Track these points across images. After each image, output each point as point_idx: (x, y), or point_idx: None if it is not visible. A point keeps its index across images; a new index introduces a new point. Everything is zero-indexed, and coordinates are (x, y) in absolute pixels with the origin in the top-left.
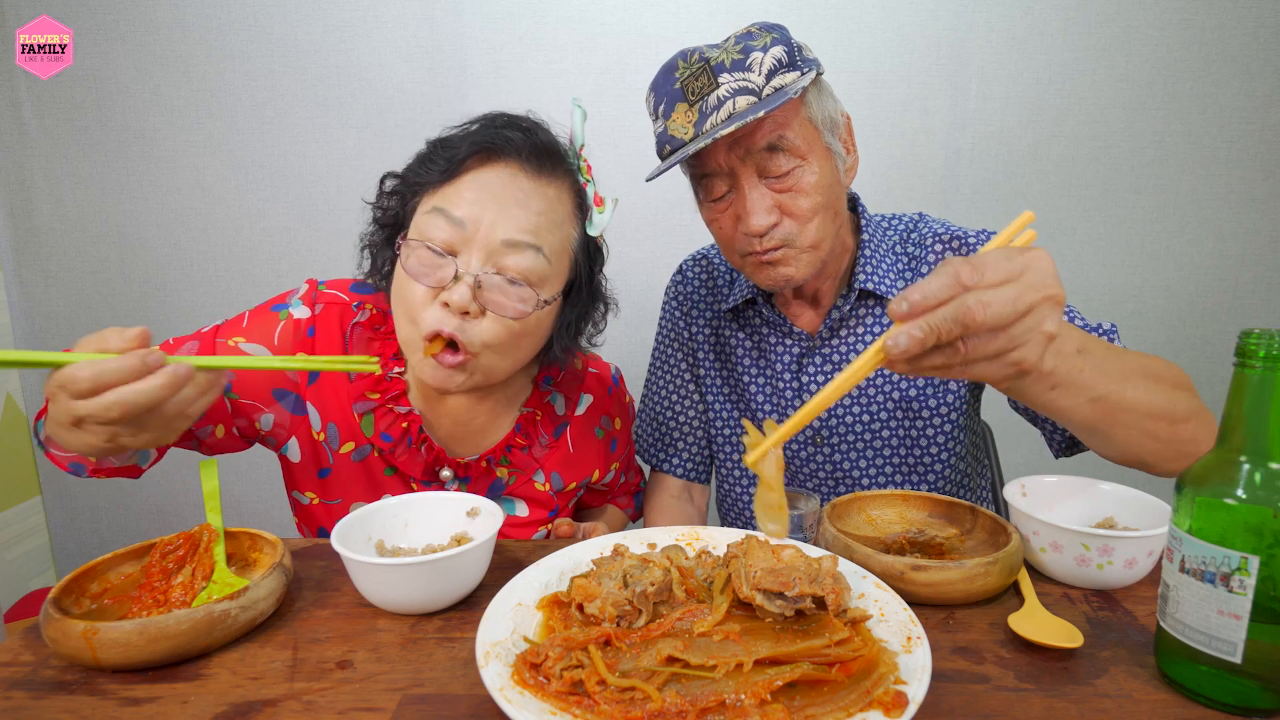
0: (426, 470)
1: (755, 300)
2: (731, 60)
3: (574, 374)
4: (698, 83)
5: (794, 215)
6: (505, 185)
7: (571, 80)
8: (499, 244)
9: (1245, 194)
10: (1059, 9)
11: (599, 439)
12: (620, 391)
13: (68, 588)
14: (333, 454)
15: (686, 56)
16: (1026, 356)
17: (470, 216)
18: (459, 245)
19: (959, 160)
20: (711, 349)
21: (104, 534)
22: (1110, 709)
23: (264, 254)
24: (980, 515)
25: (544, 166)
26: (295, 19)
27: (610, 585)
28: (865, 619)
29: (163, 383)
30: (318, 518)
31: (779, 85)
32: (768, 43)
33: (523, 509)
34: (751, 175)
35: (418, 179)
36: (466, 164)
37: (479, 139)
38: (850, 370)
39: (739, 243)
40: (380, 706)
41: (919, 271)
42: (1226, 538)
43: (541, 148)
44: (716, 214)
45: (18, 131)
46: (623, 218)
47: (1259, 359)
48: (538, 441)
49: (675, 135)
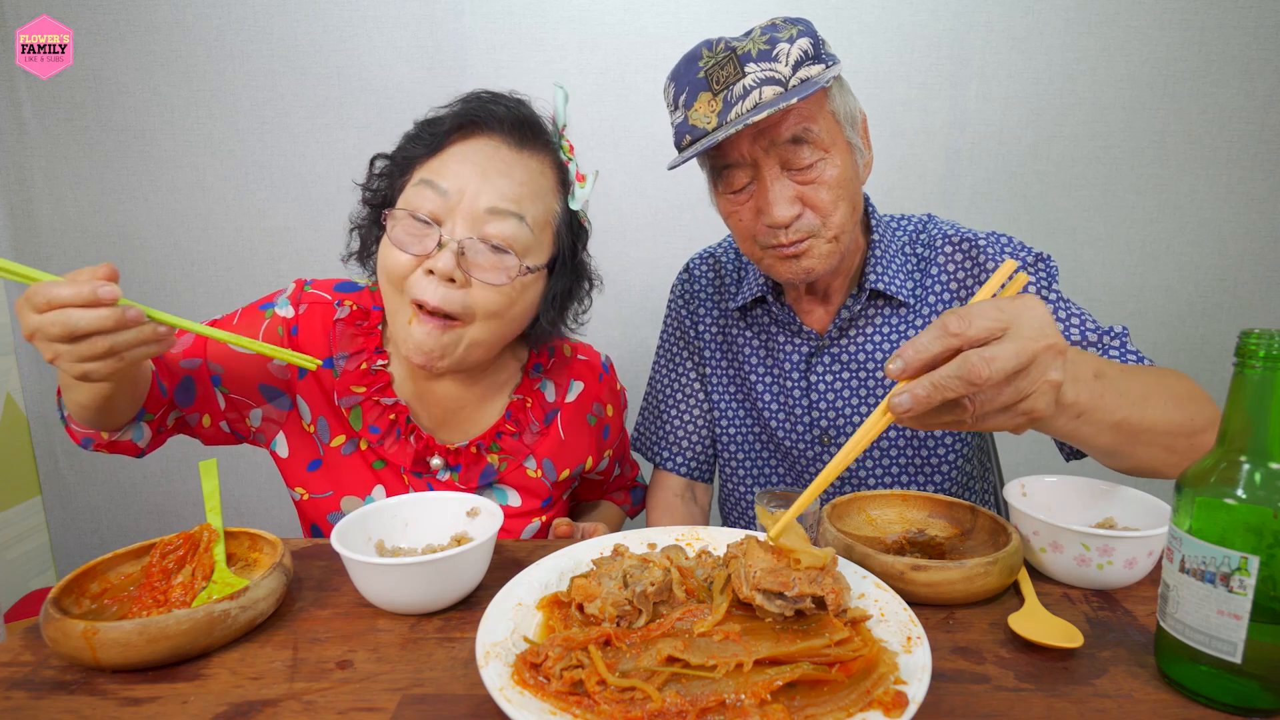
0: (416, 460)
1: (765, 298)
2: (758, 50)
3: (563, 361)
4: (723, 72)
5: (816, 207)
6: (489, 156)
7: (571, 80)
8: (482, 211)
9: (1245, 194)
10: (1059, 9)
11: (591, 426)
12: (611, 379)
13: (68, 588)
14: (323, 446)
15: (712, 46)
16: (1035, 406)
17: (454, 186)
18: (444, 214)
19: (959, 160)
20: (718, 348)
21: (104, 534)
22: (1110, 709)
23: (264, 254)
24: (980, 515)
25: (526, 139)
26: (295, 19)
27: (610, 585)
28: (865, 619)
29: (105, 314)
30: (308, 513)
31: (805, 76)
32: (794, 34)
33: (515, 498)
34: (774, 166)
35: (405, 155)
36: (451, 137)
37: (463, 113)
38: (860, 433)
39: (760, 235)
40: (380, 706)
41: (928, 273)
42: (1226, 538)
43: (524, 121)
44: (736, 205)
45: (18, 131)
46: (623, 217)
47: (1259, 359)
48: (528, 428)
49: (697, 125)
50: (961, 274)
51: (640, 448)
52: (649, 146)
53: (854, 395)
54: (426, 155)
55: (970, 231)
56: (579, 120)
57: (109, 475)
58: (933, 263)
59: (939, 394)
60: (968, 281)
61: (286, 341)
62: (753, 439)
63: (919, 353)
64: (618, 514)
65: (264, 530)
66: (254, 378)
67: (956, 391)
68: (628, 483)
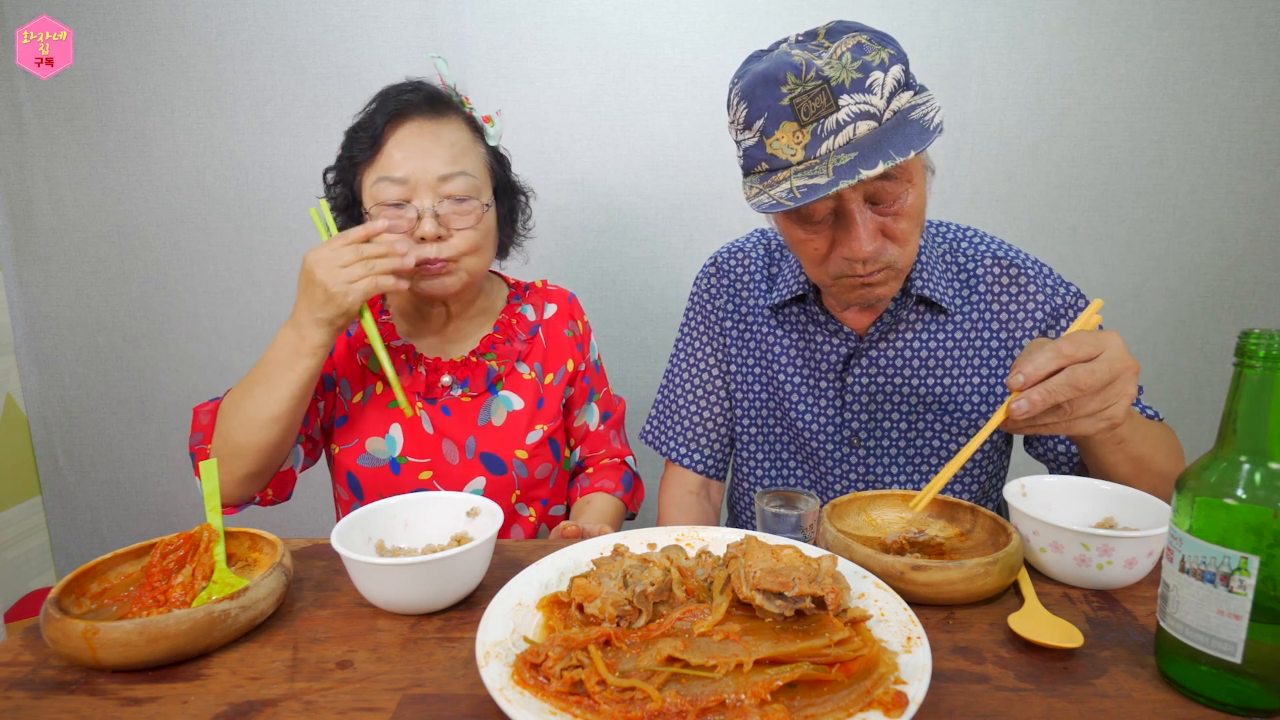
0: (429, 388)
1: (805, 297)
2: (851, 80)
3: (537, 291)
4: (814, 103)
5: (895, 238)
6: (420, 137)
7: (571, 80)
8: (436, 180)
9: (1245, 194)
10: (1059, 9)
11: (568, 338)
12: (579, 307)
13: (68, 588)
14: (347, 404)
15: (800, 71)
16: (1116, 414)
17: (407, 172)
18: (409, 194)
19: (959, 160)
20: (744, 345)
21: (104, 534)
22: (1110, 709)
23: (264, 254)
24: (980, 515)
25: (440, 111)
26: (295, 19)
27: (610, 585)
28: (865, 619)
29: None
30: (342, 464)
31: (898, 108)
32: (885, 60)
33: (517, 402)
34: (860, 201)
35: (350, 159)
36: (384, 133)
37: (388, 110)
38: (982, 433)
39: (834, 265)
40: (380, 706)
41: (974, 288)
42: (1226, 538)
43: (433, 97)
44: (810, 235)
45: (18, 131)
46: (623, 217)
47: (1259, 359)
48: (516, 338)
49: (777, 155)
50: (1005, 297)
51: (655, 442)
52: (649, 146)
53: (887, 400)
54: (370, 155)
55: (1019, 254)
56: (579, 120)
57: (109, 475)
58: (979, 279)
59: (1052, 399)
60: (1010, 304)
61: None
62: (774, 439)
63: (1038, 369)
64: (617, 509)
65: (264, 530)
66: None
67: (1065, 396)
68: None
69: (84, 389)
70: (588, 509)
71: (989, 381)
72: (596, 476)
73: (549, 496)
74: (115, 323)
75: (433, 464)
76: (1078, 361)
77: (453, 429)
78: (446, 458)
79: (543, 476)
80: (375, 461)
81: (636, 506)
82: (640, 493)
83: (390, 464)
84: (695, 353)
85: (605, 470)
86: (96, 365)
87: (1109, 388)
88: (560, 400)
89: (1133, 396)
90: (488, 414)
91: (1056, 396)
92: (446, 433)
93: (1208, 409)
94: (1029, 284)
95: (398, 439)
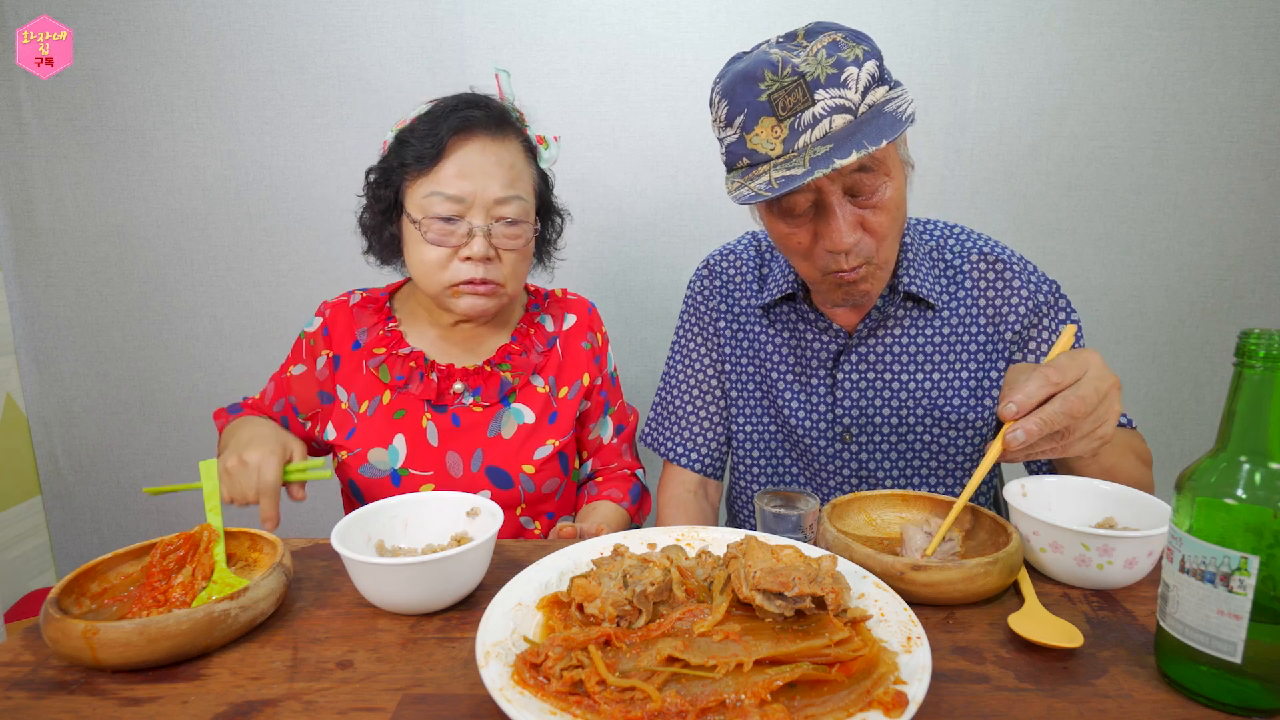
0: (440, 395)
1: (794, 295)
2: (826, 75)
3: (557, 300)
4: (790, 98)
5: (873, 232)
6: (482, 155)
7: (571, 80)
8: (493, 202)
9: (1245, 194)
10: (1059, 9)
11: (586, 350)
12: (598, 316)
13: (68, 588)
14: (355, 415)
15: (776, 68)
16: (1107, 432)
17: (465, 190)
18: (463, 211)
19: (959, 160)
20: (738, 345)
21: (104, 534)
22: (1110, 709)
23: (264, 254)
24: (980, 515)
25: (502, 131)
26: (295, 19)
27: (610, 585)
28: (865, 619)
29: None
30: (346, 471)
31: (872, 102)
32: (859, 56)
33: (529, 415)
34: (839, 193)
35: (401, 163)
36: (446, 147)
37: (453, 125)
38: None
39: (820, 259)
40: (380, 706)
41: (960, 284)
42: (1226, 538)
43: (497, 116)
44: (793, 229)
45: (18, 131)
46: (623, 217)
47: (1259, 359)
48: (533, 350)
49: (757, 150)
50: (991, 291)
51: (652, 443)
52: (649, 146)
53: (878, 396)
54: (426, 167)
55: (1003, 250)
56: (579, 120)
57: (109, 475)
58: (962, 273)
59: (1048, 427)
60: (996, 299)
61: (322, 343)
62: (769, 437)
63: (1029, 398)
64: (621, 518)
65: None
66: (313, 393)
67: (1061, 424)
68: (627, 475)
69: (84, 389)
70: (592, 514)
71: (976, 375)
72: (605, 485)
73: (555, 509)
74: (115, 323)
75: (435, 476)
76: (1063, 387)
77: (460, 440)
78: (450, 470)
79: (550, 491)
80: (377, 472)
81: (641, 519)
82: (647, 506)
83: (391, 475)
84: (691, 354)
85: (614, 480)
86: (96, 365)
87: (1100, 406)
88: (574, 414)
89: (1119, 413)
90: (498, 426)
91: (1054, 425)
92: (453, 444)
93: (1208, 409)
94: (1014, 279)
95: (401, 450)
